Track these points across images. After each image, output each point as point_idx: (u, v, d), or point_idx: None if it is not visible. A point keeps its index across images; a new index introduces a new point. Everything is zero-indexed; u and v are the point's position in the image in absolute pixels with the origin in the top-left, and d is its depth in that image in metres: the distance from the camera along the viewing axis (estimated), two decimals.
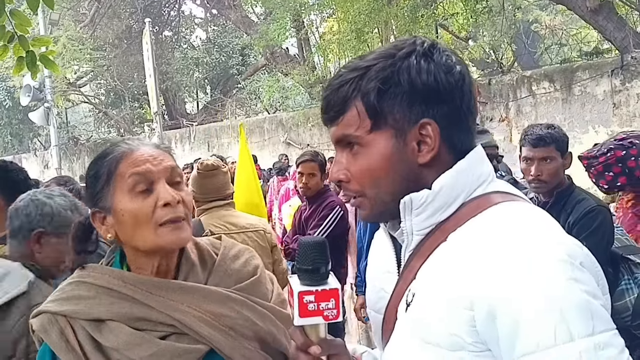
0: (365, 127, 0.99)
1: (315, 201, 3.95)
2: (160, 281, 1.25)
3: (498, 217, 0.93)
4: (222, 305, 1.25)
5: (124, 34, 19.13)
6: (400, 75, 0.97)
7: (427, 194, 0.97)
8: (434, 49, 0.99)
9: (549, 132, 2.68)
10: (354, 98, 1.00)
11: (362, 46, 10.94)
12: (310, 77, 12.81)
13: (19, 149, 24.22)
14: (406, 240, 1.02)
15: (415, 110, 0.97)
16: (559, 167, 2.67)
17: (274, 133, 14.35)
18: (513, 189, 1.04)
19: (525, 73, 10.16)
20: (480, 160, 1.02)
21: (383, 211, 1.03)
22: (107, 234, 1.25)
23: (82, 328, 1.19)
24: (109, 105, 21.28)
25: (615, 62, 8.81)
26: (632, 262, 2.53)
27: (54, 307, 1.22)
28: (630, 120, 8.46)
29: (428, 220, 0.98)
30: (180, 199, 1.22)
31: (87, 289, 1.23)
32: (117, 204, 1.21)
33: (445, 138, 0.98)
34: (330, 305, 0.98)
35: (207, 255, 1.35)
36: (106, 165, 1.23)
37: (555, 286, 0.82)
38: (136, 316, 1.19)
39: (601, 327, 0.81)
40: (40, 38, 3.68)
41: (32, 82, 11.66)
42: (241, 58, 20.25)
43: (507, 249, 0.86)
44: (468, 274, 0.88)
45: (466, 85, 0.99)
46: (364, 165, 1.00)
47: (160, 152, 1.27)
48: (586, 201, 2.62)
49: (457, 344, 0.88)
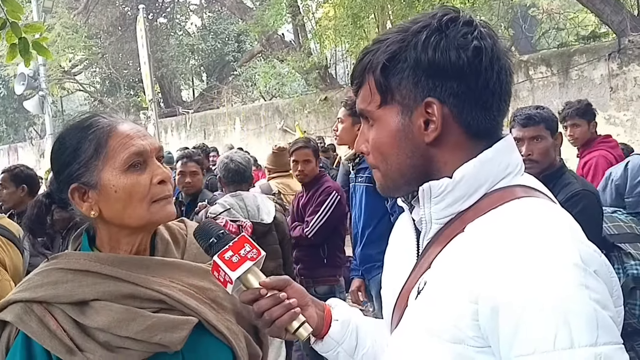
0: (376, 102, 0.99)
1: (312, 187, 3.96)
2: (141, 259, 1.25)
3: (516, 213, 0.90)
4: (203, 279, 1.27)
5: (118, 21, 18.99)
6: (408, 51, 0.94)
7: (447, 182, 0.95)
8: (452, 23, 0.94)
9: (538, 112, 2.68)
10: (367, 72, 0.99)
11: (358, 31, 10.88)
12: (306, 64, 12.72)
13: (15, 138, 24.11)
14: (424, 228, 1.01)
15: (421, 88, 0.95)
16: (550, 146, 2.66)
17: (270, 120, 14.30)
18: (539, 185, 1.00)
19: (522, 57, 10.11)
20: (509, 150, 0.98)
21: (394, 188, 1.03)
22: (90, 211, 1.21)
23: (62, 312, 1.15)
24: (105, 94, 21.14)
25: (612, 45, 8.77)
26: (623, 251, 2.52)
27: (27, 295, 1.16)
28: (627, 104, 8.45)
29: (447, 209, 0.96)
30: (169, 176, 1.24)
31: (62, 275, 1.18)
32: (108, 179, 1.19)
33: (456, 117, 0.95)
34: (247, 249, 1.11)
35: (178, 234, 1.37)
36: (92, 138, 1.21)
37: (564, 290, 0.79)
38: (123, 294, 1.18)
39: (605, 339, 0.78)
40: (33, 24, 3.63)
41: (26, 71, 11.57)
42: (237, 45, 20.11)
43: (520, 246, 0.84)
44: (478, 267, 0.86)
45: (485, 63, 0.93)
46: (375, 139, 1.01)
47: (141, 127, 1.28)
48: (571, 185, 2.59)
49: (459, 337, 0.87)
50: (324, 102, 12.34)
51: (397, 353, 1.02)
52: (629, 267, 2.46)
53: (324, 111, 12.44)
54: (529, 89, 9.66)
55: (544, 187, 1.01)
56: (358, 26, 10.94)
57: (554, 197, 1.01)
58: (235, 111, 15.77)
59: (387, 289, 1.13)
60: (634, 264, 2.46)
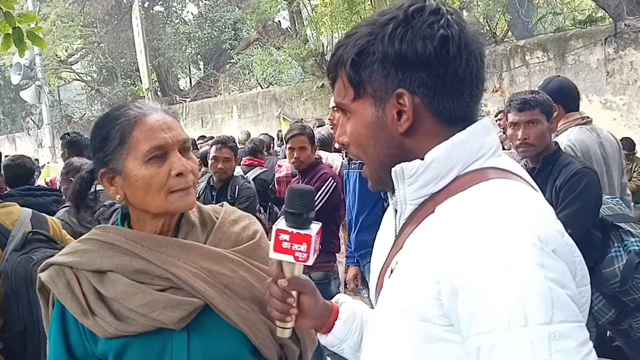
0: (350, 96, 1.01)
1: (307, 174, 3.97)
2: (161, 238, 1.31)
3: (482, 194, 0.91)
4: (218, 264, 1.31)
5: (113, 10, 18.88)
6: (376, 45, 0.96)
7: (419, 164, 0.96)
8: (418, 13, 0.95)
9: (534, 96, 2.71)
10: (339, 67, 1.01)
11: (354, 18, 10.82)
12: (303, 51, 12.68)
13: (12, 128, 24.06)
14: (399, 209, 1.03)
15: (391, 80, 0.96)
16: (545, 130, 2.70)
17: (268, 108, 14.28)
18: (516, 167, 1.01)
19: (518, 43, 10.08)
20: (483, 133, 0.99)
21: (379, 180, 1.04)
22: (117, 195, 1.31)
23: (86, 279, 1.28)
24: (101, 83, 21.07)
25: (608, 30, 8.74)
26: (622, 229, 2.56)
27: (62, 259, 1.31)
28: (624, 88, 8.44)
29: (420, 190, 0.98)
30: (191, 168, 1.28)
31: (93, 245, 1.31)
32: (130, 169, 1.26)
33: (428, 106, 0.96)
34: (302, 248, 1.09)
35: (208, 218, 1.41)
36: (119, 128, 1.27)
37: (519, 269, 0.80)
38: (135, 268, 1.26)
39: (561, 317, 0.79)
40: (27, 14, 3.64)
41: (22, 61, 11.54)
42: (233, 32, 20.00)
43: (479, 227, 0.85)
44: (441, 248, 0.88)
45: (452, 51, 0.93)
46: (352, 132, 1.03)
47: (170, 118, 1.31)
48: (572, 164, 2.65)
49: (426, 316, 0.89)
50: (321, 89, 12.31)
51: (373, 332, 1.05)
52: (629, 244, 2.51)
53: (320, 98, 12.41)
54: (525, 74, 9.65)
55: (521, 169, 1.02)
56: (354, 12, 10.88)
57: (531, 180, 1.02)
58: (233, 99, 15.74)
59: (372, 272, 1.16)
60: (634, 240, 2.51)
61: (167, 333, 1.26)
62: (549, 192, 2.59)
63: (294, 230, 1.08)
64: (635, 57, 8.37)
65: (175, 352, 1.27)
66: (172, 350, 1.27)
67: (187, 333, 1.27)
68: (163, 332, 1.26)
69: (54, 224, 2.77)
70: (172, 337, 1.27)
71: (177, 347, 1.27)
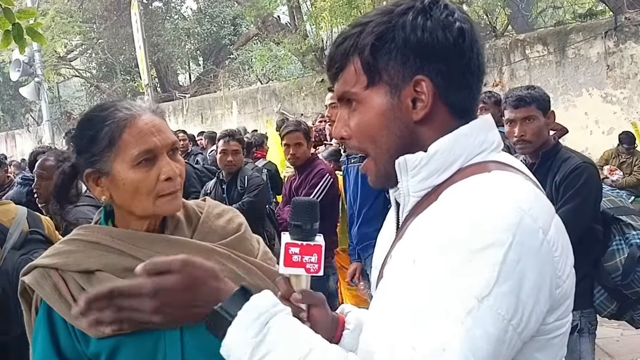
0: (362, 84, 0.99)
1: (304, 170, 3.97)
2: (148, 235, 1.31)
3: (481, 182, 0.91)
4: (207, 258, 1.28)
5: (112, 6, 18.84)
6: (396, 32, 0.96)
7: (422, 156, 0.96)
8: (434, 5, 0.97)
9: (529, 92, 2.72)
10: (351, 54, 1.00)
11: (353, 12, 10.81)
12: (302, 46, 12.66)
13: (12, 125, 24.04)
14: (402, 201, 1.03)
15: (410, 67, 0.96)
16: (542, 126, 2.70)
17: (267, 103, 14.26)
18: (516, 162, 1.01)
19: (518, 37, 10.07)
20: (486, 128, 1.00)
21: (383, 174, 1.03)
22: (102, 196, 1.30)
23: (73, 280, 1.25)
24: (101, 79, 21.04)
25: (609, 23, 8.73)
26: (623, 222, 2.56)
27: (46, 261, 1.28)
28: (624, 81, 8.44)
29: (423, 182, 0.98)
30: (179, 171, 1.28)
31: (77, 245, 1.29)
32: (118, 171, 1.25)
33: (442, 96, 0.97)
34: (313, 259, 1.07)
35: (192, 213, 1.41)
36: (107, 130, 1.26)
37: (476, 244, 0.82)
38: (123, 267, 1.25)
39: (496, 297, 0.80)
40: (26, 10, 3.63)
41: (21, 57, 11.51)
42: (233, 28, 19.98)
43: (458, 212, 0.86)
44: (422, 232, 0.90)
45: (467, 44, 0.96)
46: (361, 121, 1.01)
47: (159, 120, 1.31)
48: (572, 159, 2.65)
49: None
50: (321, 84, 12.29)
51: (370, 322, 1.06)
52: (630, 237, 2.51)
53: (320, 93, 12.37)
54: (525, 68, 9.64)
55: (521, 164, 1.03)
56: (353, 7, 10.87)
57: (533, 177, 1.02)
58: (232, 95, 15.72)
59: (374, 266, 1.16)
60: (635, 233, 2.51)
61: (160, 330, 1.25)
62: (549, 187, 2.59)
63: (304, 243, 1.07)
64: (635, 50, 8.36)
65: (169, 349, 1.27)
66: (165, 347, 1.26)
67: (179, 329, 1.27)
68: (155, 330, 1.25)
69: (47, 224, 2.77)
70: (165, 334, 1.26)
71: (171, 344, 1.27)
